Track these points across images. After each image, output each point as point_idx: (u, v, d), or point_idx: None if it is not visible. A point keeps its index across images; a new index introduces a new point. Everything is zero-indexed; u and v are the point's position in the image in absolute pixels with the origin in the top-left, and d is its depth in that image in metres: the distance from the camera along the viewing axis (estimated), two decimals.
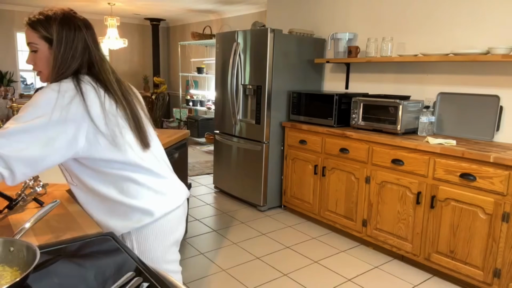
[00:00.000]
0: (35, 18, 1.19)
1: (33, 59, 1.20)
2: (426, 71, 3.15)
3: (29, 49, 1.20)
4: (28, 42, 1.19)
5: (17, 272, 0.82)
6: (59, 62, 1.17)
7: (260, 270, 2.65)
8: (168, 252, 1.36)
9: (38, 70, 1.20)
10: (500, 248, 2.24)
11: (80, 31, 1.21)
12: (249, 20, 6.01)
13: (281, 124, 3.73)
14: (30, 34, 1.18)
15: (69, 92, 1.12)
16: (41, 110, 1.08)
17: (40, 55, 1.18)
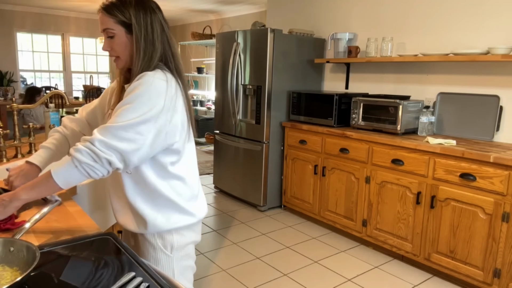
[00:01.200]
0: (109, 2, 1.16)
1: (109, 45, 1.17)
2: (426, 71, 3.15)
3: (105, 36, 1.17)
4: (104, 28, 1.16)
5: (17, 272, 0.82)
6: (143, 47, 1.15)
7: (260, 270, 2.65)
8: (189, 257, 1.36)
9: (116, 55, 1.19)
10: (500, 248, 2.24)
11: (155, 14, 1.19)
12: (249, 20, 6.01)
13: (281, 124, 3.73)
14: (105, 20, 1.15)
15: (173, 82, 1.15)
16: (154, 101, 1.08)
17: (117, 40, 1.16)
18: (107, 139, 1.03)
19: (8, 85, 6.62)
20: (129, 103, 1.07)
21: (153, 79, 1.11)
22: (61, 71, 7.63)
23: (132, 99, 1.08)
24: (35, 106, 2.07)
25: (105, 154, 1.02)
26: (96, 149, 1.02)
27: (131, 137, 1.05)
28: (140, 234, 1.27)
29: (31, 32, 7.13)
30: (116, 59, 1.20)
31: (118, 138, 1.04)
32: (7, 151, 1.87)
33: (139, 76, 1.12)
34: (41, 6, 6.82)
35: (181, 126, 1.17)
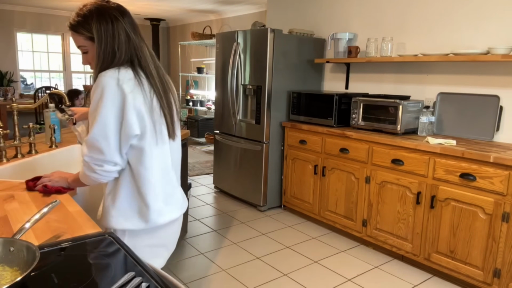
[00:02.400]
0: (75, 22, 1.21)
1: (87, 60, 1.26)
2: (426, 71, 3.15)
3: (81, 51, 1.26)
4: (78, 46, 1.24)
5: (17, 272, 0.82)
6: (101, 58, 1.21)
7: (260, 270, 2.65)
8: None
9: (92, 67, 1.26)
10: (500, 248, 2.24)
11: (118, 21, 1.21)
12: (249, 20, 6.01)
13: (281, 124, 3.73)
14: (76, 38, 1.23)
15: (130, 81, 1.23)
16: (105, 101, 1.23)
17: (91, 54, 1.24)
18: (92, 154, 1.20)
19: (8, 85, 6.62)
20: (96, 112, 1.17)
21: (105, 81, 1.16)
22: (61, 71, 7.63)
23: (98, 107, 1.17)
24: (35, 106, 2.07)
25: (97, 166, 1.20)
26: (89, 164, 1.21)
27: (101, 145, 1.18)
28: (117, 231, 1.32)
29: (31, 32, 7.13)
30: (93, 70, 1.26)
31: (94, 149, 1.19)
32: (7, 151, 1.87)
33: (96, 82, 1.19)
34: (41, 6, 6.82)
35: (138, 125, 1.19)
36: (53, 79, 7.58)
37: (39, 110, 5.73)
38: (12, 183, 1.49)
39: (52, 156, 1.98)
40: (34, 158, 1.87)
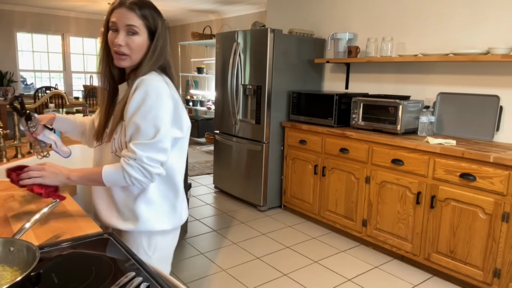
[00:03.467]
0: (143, 4, 1.18)
1: (125, 41, 1.17)
2: (426, 71, 3.15)
3: (123, 31, 1.17)
4: (128, 24, 1.16)
5: (17, 272, 0.82)
6: (156, 56, 1.21)
7: (260, 270, 2.65)
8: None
9: (127, 53, 1.18)
10: (500, 248, 2.24)
11: (167, 29, 1.26)
12: (249, 20, 6.01)
13: (281, 124, 3.73)
14: (133, 17, 1.16)
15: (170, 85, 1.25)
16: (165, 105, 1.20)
17: (136, 40, 1.18)
18: (155, 156, 1.15)
19: (8, 85, 6.62)
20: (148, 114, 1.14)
21: (154, 82, 1.17)
22: (61, 71, 7.63)
23: (150, 108, 1.14)
24: (35, 106, 2.06)
25: (155, 169, 1.16)
26: (147, 166, 1.14)
27: (165, 146, 1.17)
28: (126, 232, 1.27)
29: (31, 32, 7.13)
30: (123, 57, 1.18)
31: (159, 151, 1.16)
32: (7, 151, 1.87)
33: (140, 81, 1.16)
34: (41, 6, 6.82)
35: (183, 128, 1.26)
36: (53, 79, 7.58)
37: (39, 110, 5.73)
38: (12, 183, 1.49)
39: (52, 156, 1.97)
40: (34, 158, 1.87)
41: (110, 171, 1.16)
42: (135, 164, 1.14)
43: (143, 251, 1.28)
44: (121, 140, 1.22)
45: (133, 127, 1.15)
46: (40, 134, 1.36)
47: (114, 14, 1.18)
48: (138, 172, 1.14)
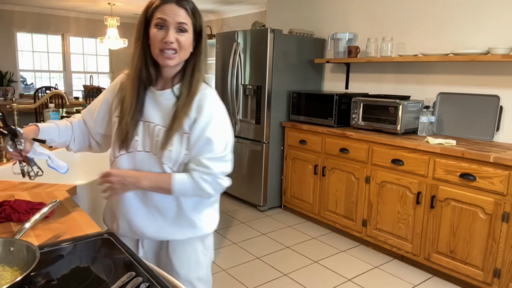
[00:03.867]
0: (193, 5, 1.17)
1: (175, 38, 1.13)
2: (426, 71, 3.15)
3: (173, 28, 1.12)
4: (180, 22, 1.13)
5: (17, 272, 0.82)
6: (204, 60, 1.21)
7: (260, 270, 2.65)
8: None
9: (178, 49, 1.14)
10: (500, 248, 2.24)
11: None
12: (249, 20, 6.00)
13: (281, 124, 3.73)
14: (184, 16, 1.14)
15: None
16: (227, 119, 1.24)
17: (185, 37, 1.15)
18: (224, 169, 1.20)
19: (8, 85, 6.62)
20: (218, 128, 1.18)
21: (215, 96, 1.21)
22: (61, 71, 7.63)
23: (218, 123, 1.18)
24: (35, 106, 2.07)
25: (225, 182, 1.21)
26: (221, 180, 1.19)
27: (230, 157, 1.22)
28: (179, 241, 1.26)
29: (31, 32, 7.13)
30: (172, 55, 1.14)
31: (227, 162, 1.20)
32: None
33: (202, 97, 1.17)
34: (41, 6, 6.82)
35: None
36: (53, 79, 7.58)
37: (39, 110, 5.73)
38: (12, 183, 1.49)
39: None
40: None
41: (183, 182, 1.14)
42: (211, 179, 1.16)
43: (201, 252, 1.30)
44: (181, 153, 1.17)
45: (205, 142, 1.15)
46: (30, 151, 1.19)
47: (161, 10, 1.12)
48: (212, 187, 1.17)
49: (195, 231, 1.25)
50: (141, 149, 1.19)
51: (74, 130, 1.32)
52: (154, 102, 1.20)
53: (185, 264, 1.27)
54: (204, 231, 1.27)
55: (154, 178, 1.15)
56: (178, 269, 1.26)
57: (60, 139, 1.29)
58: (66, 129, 1.31)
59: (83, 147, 1.36)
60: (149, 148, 1.18)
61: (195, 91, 1.17)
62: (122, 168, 1.21)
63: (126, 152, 1.20)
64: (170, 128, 1.16)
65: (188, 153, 1.17)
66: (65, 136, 1.30)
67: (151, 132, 1.18)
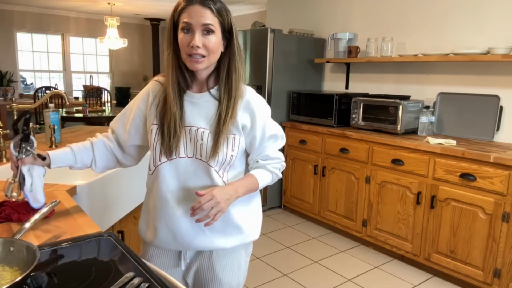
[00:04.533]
0: (218, 2, 1.12)
1: (203, 41, 1.08)
2: (426, 71, 3.15)
3: (199, 30, 1.08)
4: (205, 23, 1.08)
5: (17, 272, 0.82)
6: (240, 59, 1.18)
7: (260, 270, 2.65)
8: None
9: (205, 54, 1.10)
10: (500, 248, 2.24)
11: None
12: (249, 20, 6.00)
13: (281, 124, 3.73)
14: (209, 16, 1.09)
15: None
16: None
17: (213, 39, 1.10)
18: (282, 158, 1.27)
19: (8, 85, 6.62)
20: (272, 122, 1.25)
21: (257, 94, 1.24)
22: (61, 71, 7.63)
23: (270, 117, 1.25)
24: (35, 106, 2.06)
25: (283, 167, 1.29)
26: (284, 163, 1.29)
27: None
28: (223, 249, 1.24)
29: (31, 32, 7.13)
30: (201, 59, 1.10)
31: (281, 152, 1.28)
32: (7, 151, 1.87)
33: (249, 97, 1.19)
34: (41, 6, 6.81)
35: None
36: (53, 79, 7.58)
37: (39, 110, 5.73)
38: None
39: None
40: None
41: (264, 177, 1.22)
42: (281, 166, 1.27)
43: (243, 259, 1.30)
44: (227, 154, 1.15)
45: (270, 138, 1.23)
46: (26, 165, 1.12)
47: (186, 13, 1.08)
48: (280, 172, 1.27)
49: (242, 238, 1.24)
50: (184, 155, 1.16)
51: (94, 151, 1.26)
52: (193, 106, 1.18)
53: (228, 271, 1.26)
54: (250, 238, 1.27)
55: (243, 184, 1.18)
56: (222, 276, 1.25)
57: (77, 164, 1.23)
58: (84, 152, 1.24)
59: (108, 166, 1.31)
60: (191, 153, 1.16)
61: (237, 95, 1.15)
62: (165, 176, 1.17)
63: (168, 159, 1.16)
64: (218, 132, 1.14)
65: (234, 154, 1.18)
66: (84, 160, 1.24)
67: (194, 136, 1.15)
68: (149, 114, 1.21)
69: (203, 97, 1.17)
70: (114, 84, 8.13)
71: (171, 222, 1.19)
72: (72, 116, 4.82)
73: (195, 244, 1.20)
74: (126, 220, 1.89)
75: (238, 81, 1.16)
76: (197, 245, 1.20)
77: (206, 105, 1.17)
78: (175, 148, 1.15)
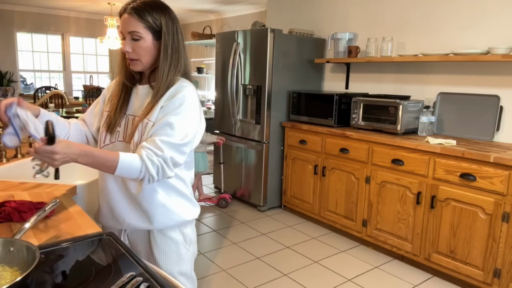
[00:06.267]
0: (141, 7, 1.17)
1: (132, 47, 1.19)
2: (426, 71, 3.15)
3: (127, 37, 1.18)
4: (131, 31, 1.17)
5: (17, 272, 0.82)
6: (170, 54, 1.21)
7: (260, 270, 2.65)
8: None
9: (136, 58, 1.20)
10: (500, 248, 2.24)
11: (178, 24, 1.24)
12: (249, 20, 6.00)
13: (281, 124, 3.73)
14: (133, 23, 1.17)
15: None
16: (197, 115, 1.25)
17: (142, 44, 1.18)
18: (176, 158, 1.16)
19: (8, 85, 6.62)
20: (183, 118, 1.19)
21: (192, 91, 1.23)
22: (61, 71, 7.63)
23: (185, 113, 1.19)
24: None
25: (170, 171, 1.16)
26: (166, 167, 1.14)
27: (187, 151, 1.21)
28: (159, 232, 1.30)
29: (31, 32, 7.13)
30: (134, 61, 1.21)
31: (181, 153, 1.19)
32: (7, 151, 1.87)
33: (178, 87, 1.21)
34: (41, 6, 6.81)
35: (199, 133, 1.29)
36: (53, 79, 7.58)
37: None
38: (12, 183, 1.49)
39: None
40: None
41: (125, 163, 1.09)
42: (157, 161, 1.12)
43: (182, 246, 1.34)
44: (141, 139, 1.21)
45: (165, 124, 1.16)
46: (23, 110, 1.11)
47: (120, 23, 1.20)
48: (156, 170, 1.12)
49: (174, 217, 1.29)
50: (122, 139, 1.27)
51: (70, 128, 1.35)
52: (136, 97, 1.29)
53: (166, 257, 1.30)
54: (182, 217, 1.31)
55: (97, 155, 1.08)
56: (160, 262, 1.30)
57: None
58: (63, 125, 1.33)
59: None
60: (128, 138, 1.25)
61: (166, 85, 1.21)
62: None
63: (110, 142, 1.28)
64: (137, 118, 1.24)
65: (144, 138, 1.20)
66: (61, 130, 1.30)
67: (130, 124, 1.27)
68: (106, 101, 1.36)
69: (143, 89, 1.29)
70: None
71: (110, 199, 1.29)
72: (72, 116, 4.82)
73: (130, 221, 1.28)
74: None
75: (170, 74, 1.22)
76: (132, 223, 1.29)
77: (144, 96, 1.27)
78: (115, 133, 1.27)
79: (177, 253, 1.32)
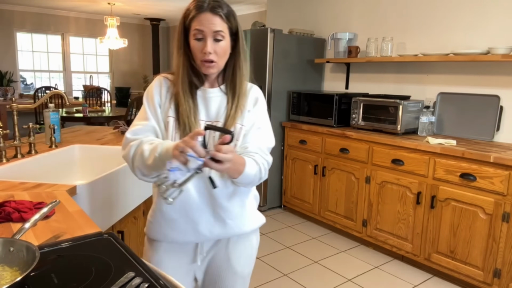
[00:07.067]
0: (226, 9, 1.16)
1: (213, 48, 1.14)
2: (426, 71, 3.15)
3: (211, 37, 1.13)
4: (217, 30, 1.13)
5: (17, 272, 0.82)
6: (244, 56, 1.23)
7: (260, 270, 2.65)
8: None
9: (215, 60, 1.15)
10: (500, 248, 2.24)
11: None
12: (249, 20, 6.00)
13: (281, 124, 3.73)
14: (219, 22, 1.13)
15: None
16: None
17: (223, 45, 1.16)
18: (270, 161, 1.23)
19: (8, 85, 6.62)
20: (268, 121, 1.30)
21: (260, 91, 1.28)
22: (61, 71, 7.63)
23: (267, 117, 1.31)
24: (35, 106, 2.06)
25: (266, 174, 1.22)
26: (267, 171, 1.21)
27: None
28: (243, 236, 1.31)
29: (31, 32, 7.13)
30: (212, 64, 1.15)
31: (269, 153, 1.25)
32: (7, 151, 1.87)
33: (254, 90, 1.32)
34: (41, 6, 6.81)
35: None
36: (53, 79, 7.58)
37: (39, 110, 5.73)
38: (12, 183, 1.49)
39: (52, 156, 1.98)
40: (34, 158, 1.87)
41: (251, 166, 1.11)
42: (267, 166, 1.20)
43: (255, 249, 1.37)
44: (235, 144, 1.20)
45: (261, 130, 1.24)
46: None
47: (197, 21, 1.14)
48: (265, 173, 1.19)
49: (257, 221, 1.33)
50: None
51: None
52: (205, 101, 1.23)
53: (242, 261, 1.32)
54: (263, 220, 1.36)
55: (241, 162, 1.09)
56: (236, 265, 1.31)
57: None
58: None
59: None
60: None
61: (240, 92, 1.24)
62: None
63: None
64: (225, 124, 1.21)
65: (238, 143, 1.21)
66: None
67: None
68: (163, 105, 1.22)
69: (214, 92, 1.24)
70: (114, 84, 8.13)
71: (192, 212, 1.21)
72: (72, 116, 4.82)
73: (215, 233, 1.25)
74: (126, 220, 1.89)
75: (242, 80, 1.26)
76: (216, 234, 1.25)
77: (218, 99, 1.24)
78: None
79: (250, 255, 1.35)
